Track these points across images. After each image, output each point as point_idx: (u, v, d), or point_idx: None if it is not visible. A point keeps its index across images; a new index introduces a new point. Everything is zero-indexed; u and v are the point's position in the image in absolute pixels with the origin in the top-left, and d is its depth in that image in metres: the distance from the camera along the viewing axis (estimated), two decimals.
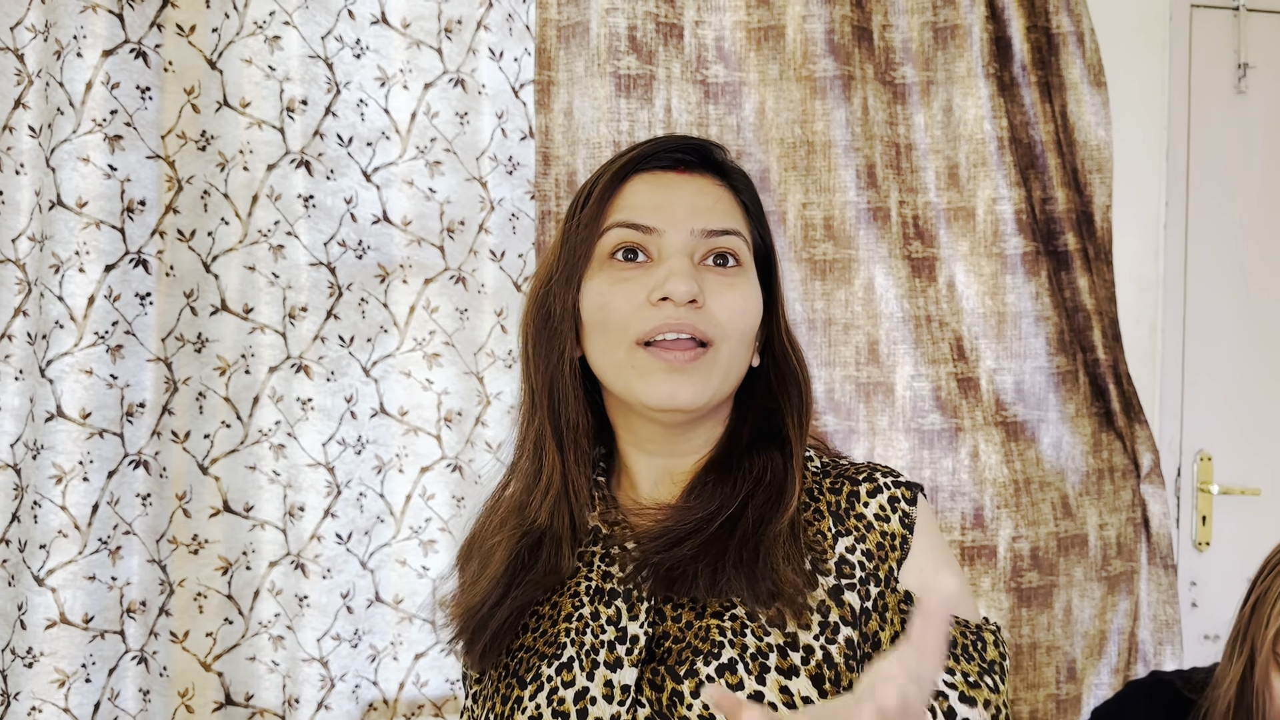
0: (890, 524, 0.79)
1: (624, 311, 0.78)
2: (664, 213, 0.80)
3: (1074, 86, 1.84)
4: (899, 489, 0.81)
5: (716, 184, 0.83)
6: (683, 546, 0.77)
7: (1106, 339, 1.87)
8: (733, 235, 0.80)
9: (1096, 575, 1.89)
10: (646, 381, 0.78)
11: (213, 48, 1.62)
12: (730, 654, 0.75)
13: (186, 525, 1.62)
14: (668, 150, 0.83)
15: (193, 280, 1.62)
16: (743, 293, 0.80)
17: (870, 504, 0.80)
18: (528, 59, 1.70)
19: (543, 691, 0.78)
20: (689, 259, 0.79)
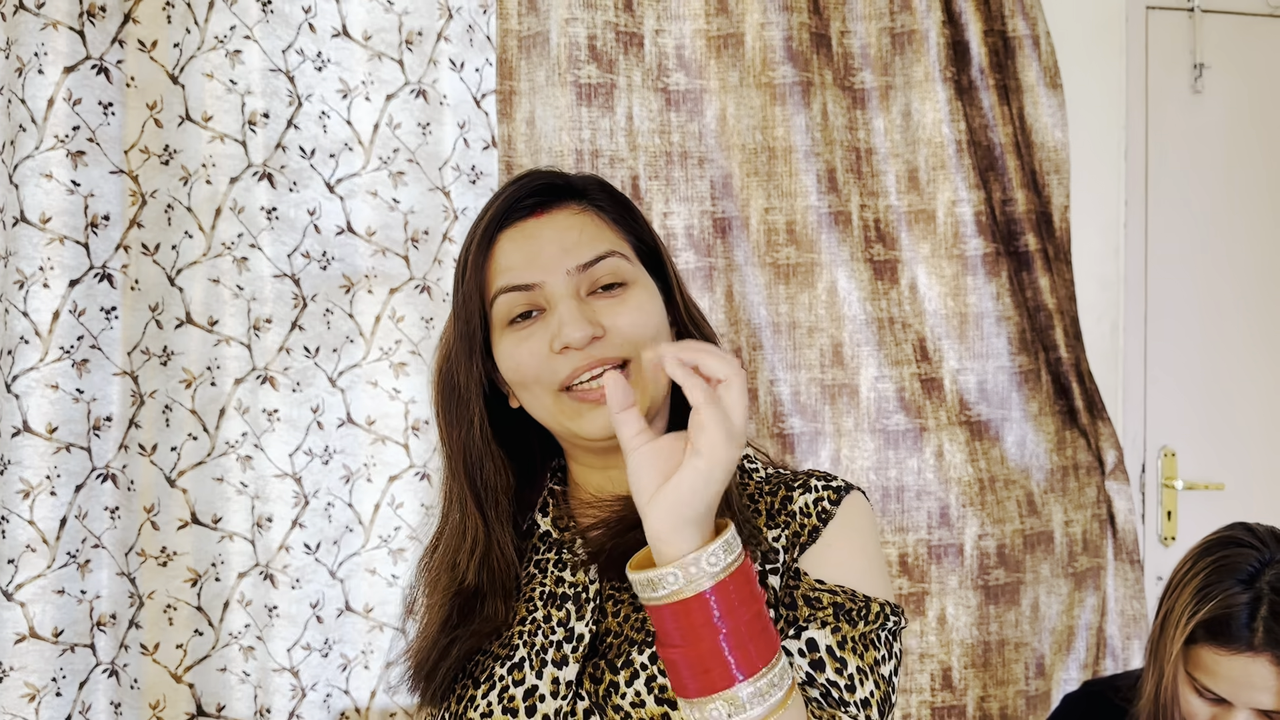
0: (810, 519, 0.84)
1: (534, 368, 0.81)
2: (536, 265, 0.82)
3: (1031, 89, 1.87)
4: (827, 490, 0.85)
5: (575, 211, 0.85)
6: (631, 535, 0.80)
7: (1068, 337, 1.90)
8: (607, 258, 0.83)
9: (1063, 572, 1.91)
10: (579, 421, 0.81)
11: (174, 63, 1.63)
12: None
13: (155, 538, 1.63)
14: (520, 201, 0.85)
15: (157, 294, 1.63)
16: (637, 304, 0.82)
17: (799, 501, 0.85)
18: (489, 69, 1.72)
19: (495, 690, 0.82)
20: (575, 299, 0.81)
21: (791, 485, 0.86)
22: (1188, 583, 1.14)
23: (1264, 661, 1.07)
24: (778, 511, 0.84)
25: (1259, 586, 1.09)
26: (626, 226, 0.87)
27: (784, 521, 0.84)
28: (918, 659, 1.84)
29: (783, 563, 0.82)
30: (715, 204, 1.80)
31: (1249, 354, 2.08)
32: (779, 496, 0.85)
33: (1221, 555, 1.14)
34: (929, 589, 1.85)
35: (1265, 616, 1.07)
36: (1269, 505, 2.05)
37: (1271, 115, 2.07)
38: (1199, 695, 1.13)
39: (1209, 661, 1.11)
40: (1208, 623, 1.10)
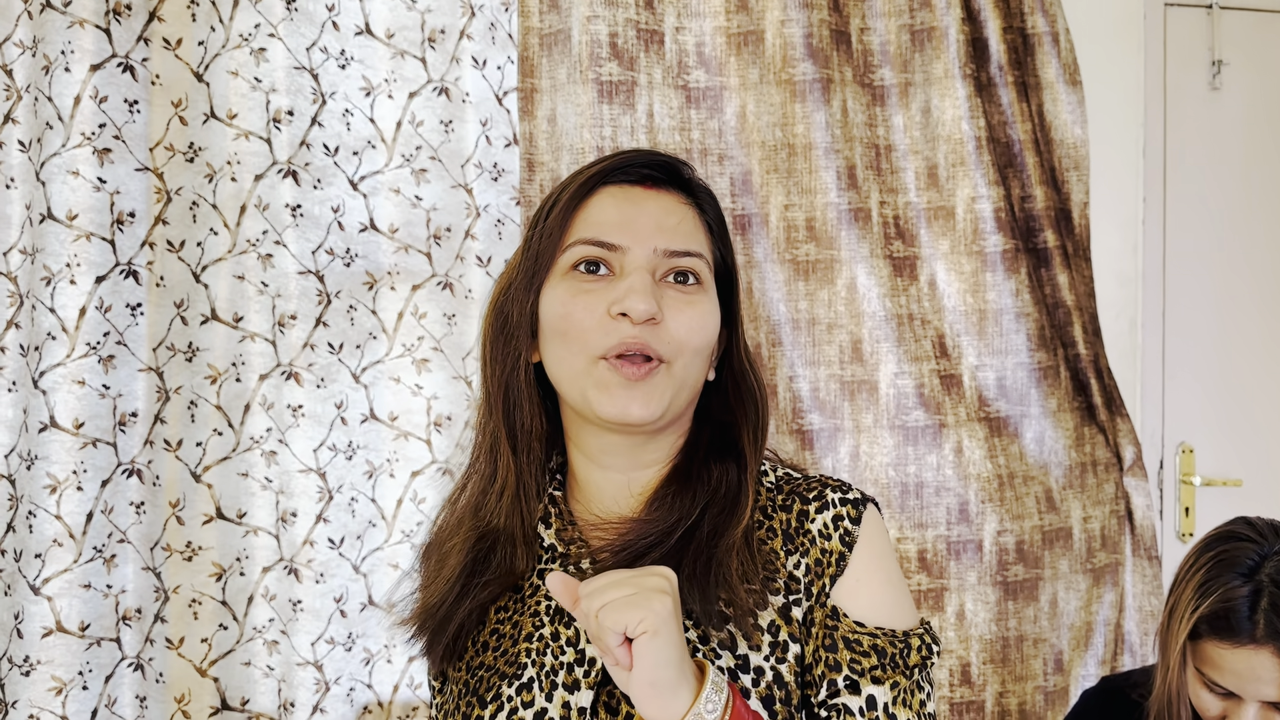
0: (831, 541, 0.82)
1: (585, 324, 0.79)
2: (629, 229, 0.80)
3: (1050, 86, 1.87)
4: (845, 506, 0.83)
5: (682, 202, 0.83)
6: (642, 561, 0.78)
7: (1087, 334, 1.90)
8: (694, 257, 0.81)
9: (1081, 568, 1.92)
10: (602, 394, 0.79)
11: (199, 61, 1.64)
12: None
13: (180, 532, 1.64)
14: (636, 165, 0.83)
15: (183, 290, 1.64)
16: (701, 310, 0.81)
17: (816, 520, 0.83)
18: (510, 67, 1.72)
19: (503, 711, 0.79)
20: (650, 275, 0.79)
21: (807, 499, 0.84)
22: (1190, 578, 1.15)
23: (1267, 653, 1.08)
24: (795, 532, 0.82)
25: (1259, 579, 1.10)
26: (718, 242, 0.85)
27: (802, 545, 0.82)
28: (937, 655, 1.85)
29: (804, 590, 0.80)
30: (735, 201, 1.80)
31: (1267, 350, 2.08)
32: (794, 512, 0.83)
33: (1222, 550, 1.14)
34: (948, 585, 1.85)
35: (1266, 609, 1.08)
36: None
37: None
38: (1209, 690, 1.14)
39: (1214, 656, 1.11)
40: (1210, 617, 1.11)
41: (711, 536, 0.78)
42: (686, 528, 0.79)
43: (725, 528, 0.79)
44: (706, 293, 0.82)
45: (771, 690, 0.77)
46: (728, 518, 0.79)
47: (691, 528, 0.79)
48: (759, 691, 0.76)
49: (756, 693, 0.76)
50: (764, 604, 0.78)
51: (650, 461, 0.85)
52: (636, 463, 0.85)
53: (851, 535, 0.82)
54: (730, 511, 0.80)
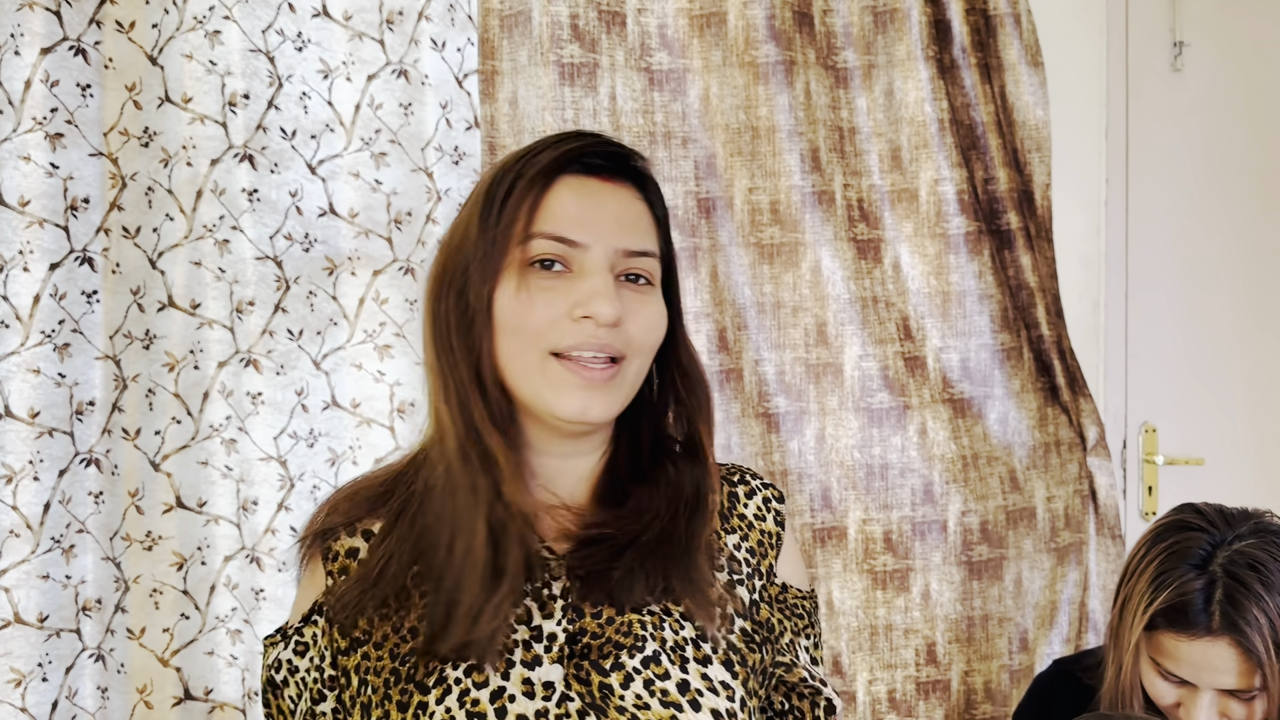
0: (767, 523, 0.89)
1: (542, 322, 0.78)
2: (590, 227, 0.79)
3: (1012, 67, 1.87)
4: (769, 490, 0.91)
5: (637, 197, 0.84)
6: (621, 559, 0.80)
7: (1050, 315, 1.91)
8: (649, 257, 0.82)
9: (1045, 547, 1.93)
10: (558, 392, 0.79)
11: (153, 43, 1.62)
12: (653, 646, 0.79)
13: (140, 522, 1.63)
14: (594, 155, 0.82)
15: (139, 277, 1.62)
16: (655, 310, 0.83)
17: (749, 504, 0.89)
18: (470, 49, 1.71)
19: (451, 695, 0.77)
20: (611, 276, 0.79)
21: (733, 482, 0.90)
22: (1143, 570, 1.15)
23: (1224, 644, 1.09)
24: (729, 513, 0.88)
25: (1212, 570, 1.10)
26: (663, 237, 0.86)
27: (739, 527, 0.88)
28: (902, 634, 1.86)
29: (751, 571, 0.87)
30: (699, 184, 1.80)
31: (1229, 330, 2.10)
32: (724, 494, 0.89)
33: (1173, 541, 1.14)
34: (913, 565, 1.86)
35: (1221, 600, 1.09)
36: (1248, 480, 2.07)
37: (1251, 93, 2.08)
38: (1164, 679, 1.15)
39: (1170, 647, 1.12)
40: (1165, 610, 1.11)
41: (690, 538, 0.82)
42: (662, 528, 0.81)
43: (700, 528, 0.83)
44: (657, 291, 0.84)
45: (729, 656, 0.82)
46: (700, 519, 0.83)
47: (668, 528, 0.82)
48: (719, 657, 0.81)
49: (717, 658, 0.80)
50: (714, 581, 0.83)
51: (588, 450, 0.87)
52: (575, 451, 0.86)
53: (781, 516, 0.90)
54: (702, 512, 0.84)
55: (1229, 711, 1.12)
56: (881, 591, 1.86)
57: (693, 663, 0.79)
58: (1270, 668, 1.07)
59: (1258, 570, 1.08)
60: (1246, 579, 1.08)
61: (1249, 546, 1.11)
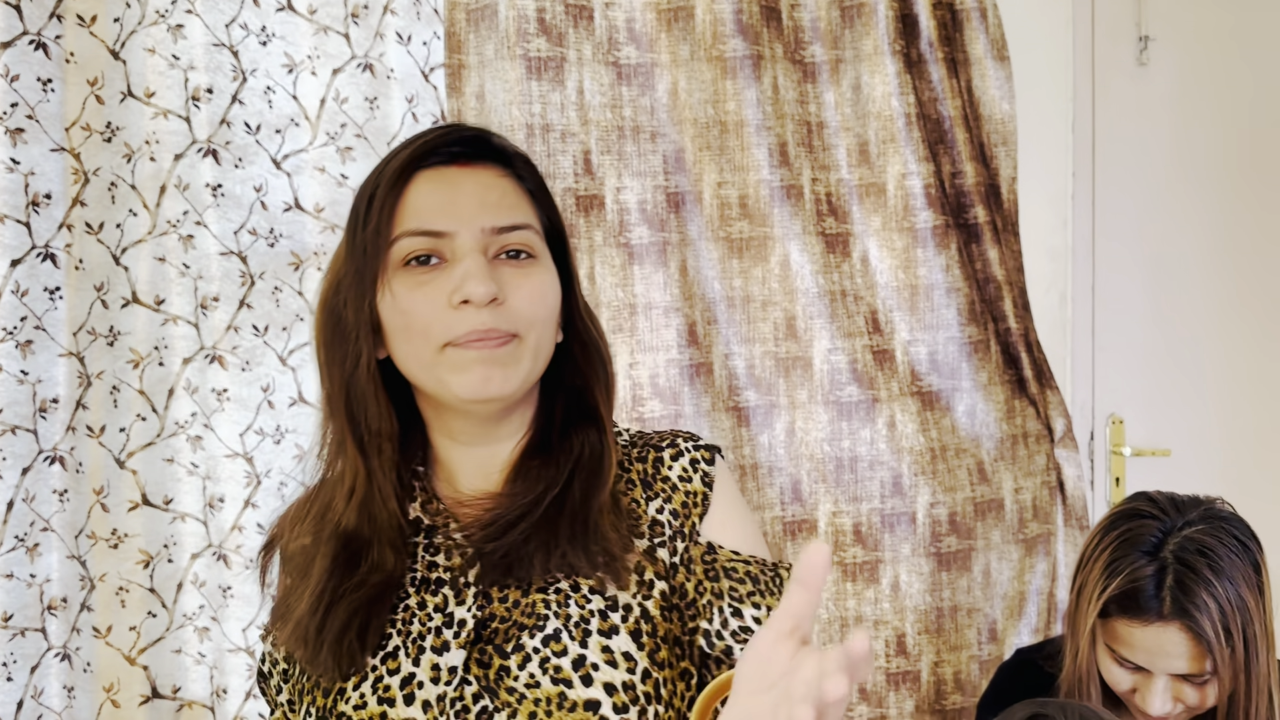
0: (692, 483, 0.86)
1: (426, 317, 0.79)
2: (451, 213, 0.80)
3: (978, 61, 1.88)
4: (699, 451, 0.88)
5: (500, 174, 0.84)
6: (514, 532, 0.80)
7: (1017, 308, 1.92)
8: (523, 229, 0.82)
9: (1014, 538, 1.95)
10: (457, 375, 0.80)
11: (115, 38, 1.60)
12: (555, 624, 0.79)
13: (105, 520, 1.62)
14: (446, 145, 0.83)
15: (102, 273, 1.61)
16: (539, 281, 0.82)
17: (674, 467, 0.87)
18: (437, 42, 1.70)
19: (367, 681, 0.79)
20: (483, 257, 0.80)
21: (660, 448, 0.88)
22: (1097, 558, 1.17)
23: (1175, 629, 1.10)
24: (652, 479, 0.86)
25: (1163, 556, 1.12)
26: (542, 206, 0.86)
27: (663, 491, 0.86)
28: (872, 625, 1.87)
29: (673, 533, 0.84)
30: (668, 178, 1.80)
31: (1196, 322, 2.12)
32: (649, 461, 0.87)
33: (1125, 529, 1.16)
34: (882, 557, 1.87)
35: (1171, 586, 1.10)
36: (1214, 470, 2.10)
37: (1216, 87, 2.10)
38: (1119, 665, 1.16)
39: (1123, 633, 1.14)
40: (1118, 597, 1.13)
41: (584, 501, 0.81)
42: (555, 495, 0.81)
43: (594, 490, 0.82)
44: (541, 262, 0.83)
45: (639, 624, 0.81)
46: (595, 480, 0.82)
47: (560, 495, 0.81)
48: (628, 626, 0.80)
49: (625, 627, 0.80)
50: (630, 548, 0.82)
51: (508, 434, 0.86)
52: (495, 437, 0.86)
53: (710, 476, 0.87)
54: (596, 474, 0.83)
55: (1182, 696, 1.14)
56: (851, 583, 1.87)
57: (595, 635, 0.79)
58: (1220, 652, 1.09)
59: (1207, 556, 1.10)
60: (1196, 564, 1.10)
61: (1198, 533, 1.12)
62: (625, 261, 1.77)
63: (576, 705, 0.76)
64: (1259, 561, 1.14)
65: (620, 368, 1.77)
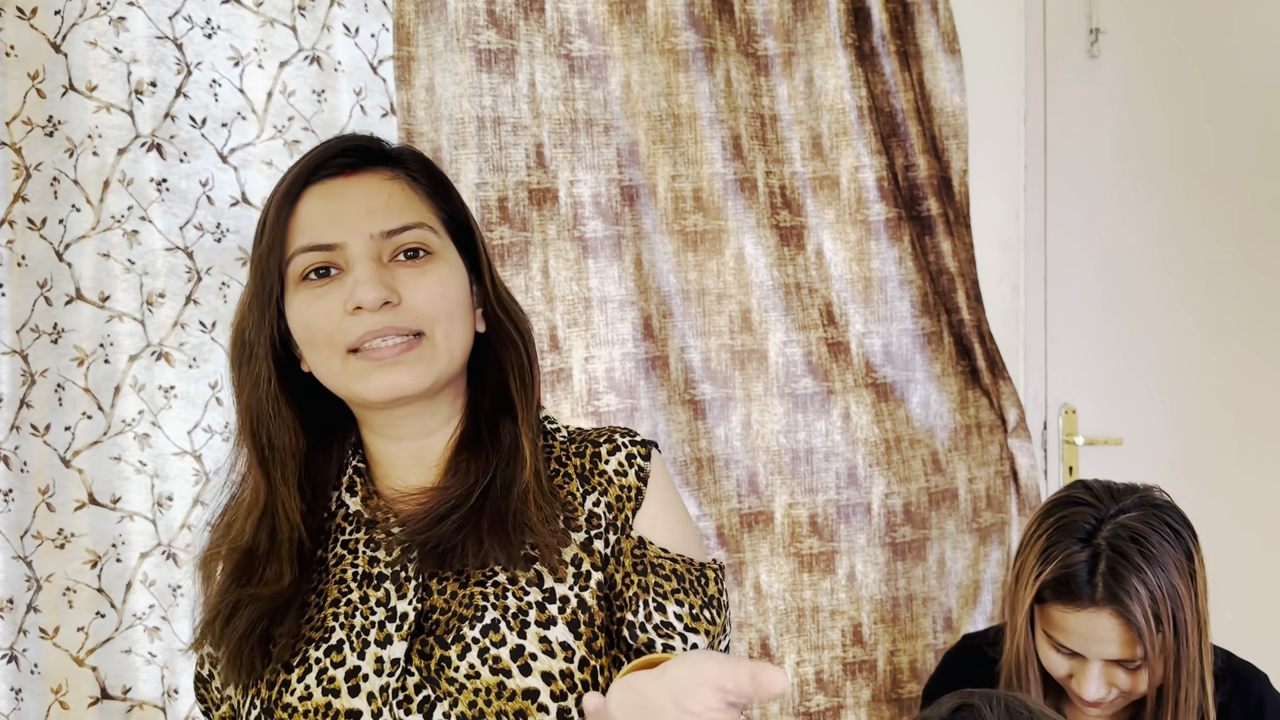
0: (627, 478, 0.88)
1: (326, 328, 0.82)
2: (339, 223, 0.82)
3: (930, 54, 1.89)
4: (635, 447, 0.90)
5: (388, 178, 0.85)
6: (445, 523, 0.82)
7: (969, 300, 1.94)
8: (414, 229, 0.83)
9: (968, 527, 1.96)
10: (363, 381, 0.82)
11: (56, 30, 1.58)
12: (493, 615, 0.81)
13: (51, 520, 1.60)
14: (331, 157, 0.84)
15: (45, 269, 1.59)
16: (436, 276, 0.83)
17: (610, 461, 0.89)
18: (385, 35, 1.69)
19: (311, 673, 0.82)
20: (375, 262, 0.81)
21: (598, 443, 0.90)
22: (1033, 544, 1.18)
23: (1107, 615, 1.12)
24: (590, 473, 0.88)
25: (1096, 543, 1.13)
26: (439, 200, 0.87)
27: (599, 485, 0.87)
28: (829, 615, 1.88)
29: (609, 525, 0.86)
30: (622, 171, 1.80)
31: (1147, 313, 2.15)
32: (587, 455, 0.89)
33: (1061, 515, 1.17)
34: (838, 548, 1.88)
35: (1104, 572, 1.12)
36: (1165, 458, 2.13)
37: (1166, 79, 2.13)
38: (1056, 650, 1.18)
39: (1058, 619, 1.15)
40: (1052, 583, 1.14)
41: (504, 489, 0.83)
42: (483, 487, 0.83)
43: (512, 478, 0.83)
44: (440, 257, 0.84)
45: (576, 615, 0.83)
46: (511, 471, 0.84)
47: (487, 487, 0.83)
48: (565, 617, 0.82)
49: (563, 619, 0.82)
50: (566, 541, 0.84)
51: (436, 427, 0.88)
52: (424, 430, 0.87)
53: (645, 471, 0.89)
54: (511, 464, 0.84)
55: (1116, 681, 1.15)
56: (808, 574, 1.88)
57: (534, 626, 0.81)
58: (1150, 638, 1.10)
59: (1139, 543, 1.12)
60: (1128, 551, 1.11)
61: (1132, 520, 1.14)
62: (580, 255, 1.77)
63: (515, 694, 0.79)
64: (1191, 549, 1.15)
65: (576, 361, 1.76)
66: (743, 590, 1.85)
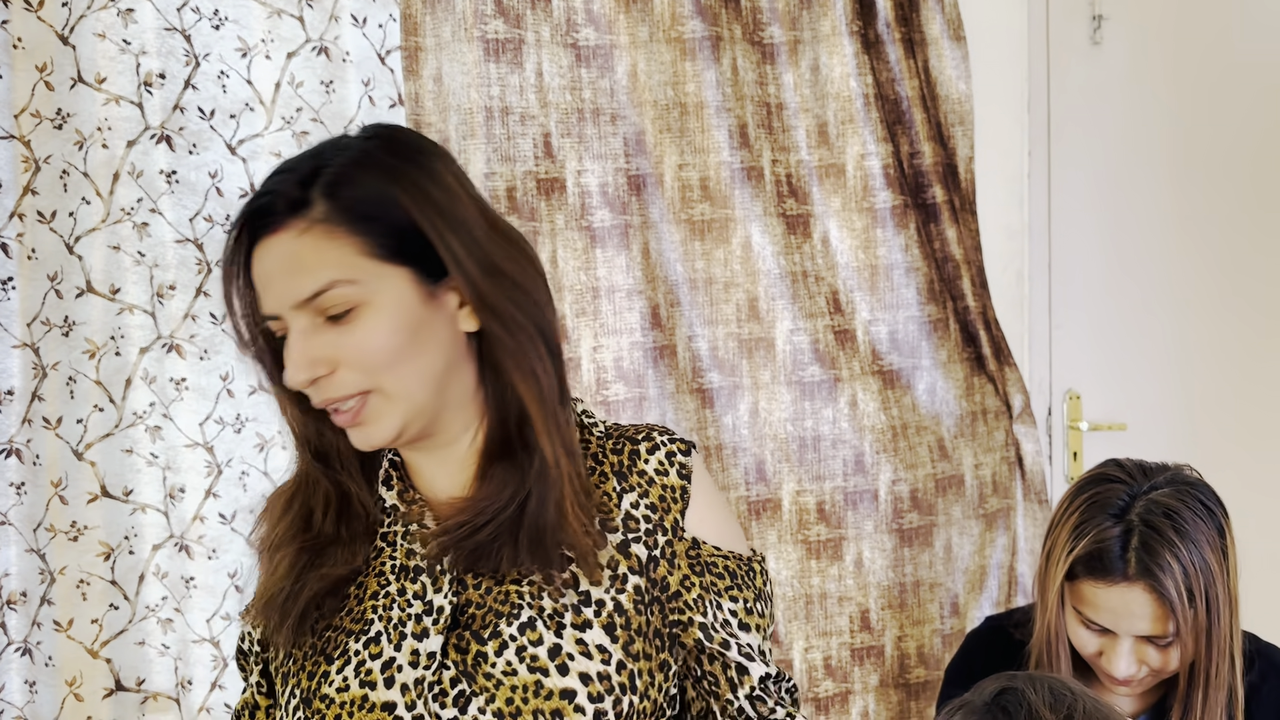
0: (669, 477, 0.87)
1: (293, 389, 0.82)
2: (269, 296, 0.80)
3: (935, 42, 1.89)
4: (675, 444, 0.88)
5: (298, 232, 0.78)
6: (481, 532, 0.81)
7: (975, 286, 1.95)
8: (325, 292, 0.78)
9: (974, 513, 1.98)
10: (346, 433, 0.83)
11: (64, 23, 1.57)
12: (529, 613, 0.81)
13: (64, 512, 1.60)
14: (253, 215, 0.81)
15: (56, 262, 1.59)
16: (363, 330, 0.78)
17: (650, 460, 0.87)
18: (393, 25, 1.69)
19: (350, 665, 0.82)
20: (303, 335, 0.78)
21: (636, 440, 0.88)
22: (1065, 522, 1.19)
23: (1139, 589, 1.13)
24: (628, 470, 0.86)
25: (1129, 519, 1.14)
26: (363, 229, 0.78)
27: (639, 485, 0.86)
28: (836, 602, 1.89)
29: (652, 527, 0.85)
30: (629, 161, 1.80)
31: (1150, 298, 2.16)
32: (625, 453, 0.87)
33: (1094, 492, 1.18)
34: (846, 534, 1.89)
35: (1137, 547, 1.12)
36: (1169, 442, 2.13)
37: (1169, 65, 2.13)
38: (1086, 627, 1.19)
39: (1089, 594, 1.16)
40: (1085, 558, 1.15)
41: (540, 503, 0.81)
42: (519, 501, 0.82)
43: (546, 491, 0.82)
44: (367, 304, 0.78)
45: (613, 618, 0.83)
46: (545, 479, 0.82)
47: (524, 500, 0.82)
48: (600, 621, 0.82)
49: (599, 622, 0.82)
50: (603, 543, 0.84)
51: (455, 435, 0.86)
52: (441, 440, 0.86)
53: (687, 468, 0.87)
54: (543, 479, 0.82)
55: (1146, 658, 1.16)
56: (815, 561, 1.89)
57: (570, 628, 0.81)
58: (1183, 613, 1.11)
59: (1172, 518, 1.12)
60: (1161, 526, 1.12)
61: (1164, 496, 1.15)
62: (587, 245, 1.77)
63: (553, 693, 0.79)
64: (1223, 526, 1.16)
65: (584, 351, 1.77)
66: None
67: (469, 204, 0.82)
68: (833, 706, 1.90)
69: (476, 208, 0.83)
